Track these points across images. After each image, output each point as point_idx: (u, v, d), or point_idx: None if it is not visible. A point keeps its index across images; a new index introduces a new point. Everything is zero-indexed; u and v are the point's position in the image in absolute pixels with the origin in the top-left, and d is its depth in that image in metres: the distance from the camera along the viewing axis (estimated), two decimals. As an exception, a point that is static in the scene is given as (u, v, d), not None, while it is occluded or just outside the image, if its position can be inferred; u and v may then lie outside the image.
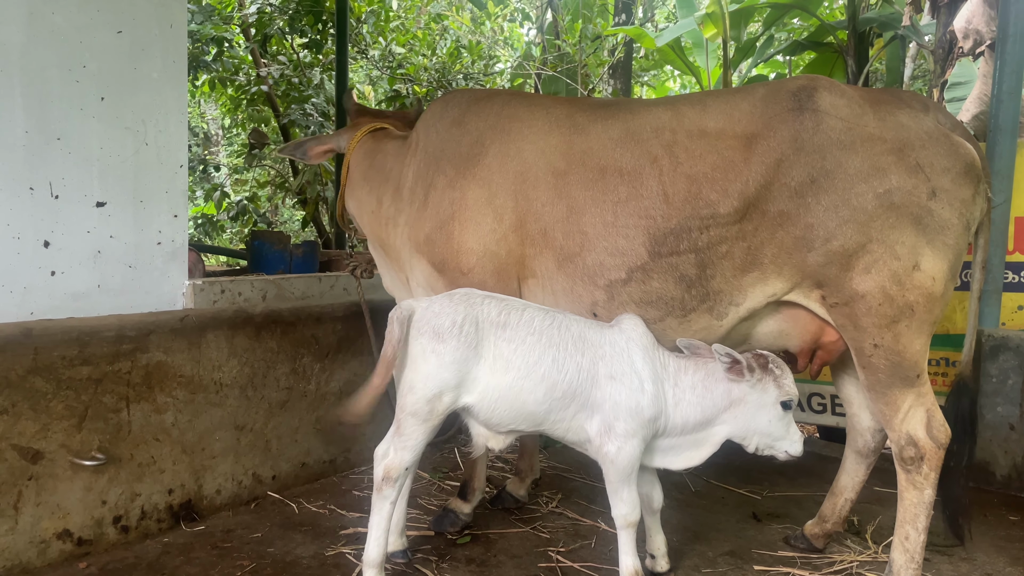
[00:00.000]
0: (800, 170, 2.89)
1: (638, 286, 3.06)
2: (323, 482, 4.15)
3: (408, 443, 2.87)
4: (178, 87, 3.75)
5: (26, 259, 3.21)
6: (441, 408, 2.83)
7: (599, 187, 3.10)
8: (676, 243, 2.99)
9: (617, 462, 2.81)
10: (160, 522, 3.43)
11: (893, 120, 2.90)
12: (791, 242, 2.93)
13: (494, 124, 3.36)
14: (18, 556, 2.97)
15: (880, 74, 9.35)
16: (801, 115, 2.91)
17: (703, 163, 2.98)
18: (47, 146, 3.26)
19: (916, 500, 2.94)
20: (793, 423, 2.89)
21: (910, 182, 2.83)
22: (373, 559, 2.87)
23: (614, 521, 2.91)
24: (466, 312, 2.85)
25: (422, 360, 2.82)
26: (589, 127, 3.23)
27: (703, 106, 3.13)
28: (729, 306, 3.03)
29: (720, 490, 4.24)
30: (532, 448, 3.93)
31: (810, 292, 2.99)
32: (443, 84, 10.53)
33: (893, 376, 2.92)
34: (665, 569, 3.15)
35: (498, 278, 3.26)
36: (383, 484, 2.87)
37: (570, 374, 2.83)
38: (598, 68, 10.70)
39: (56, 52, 3.27)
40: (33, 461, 3.00)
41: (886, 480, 4.18)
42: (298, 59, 10.69)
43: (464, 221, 3.27)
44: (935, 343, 4.67)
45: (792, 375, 2.89)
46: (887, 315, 2.87)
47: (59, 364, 3.07)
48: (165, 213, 3.68)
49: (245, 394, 3.77)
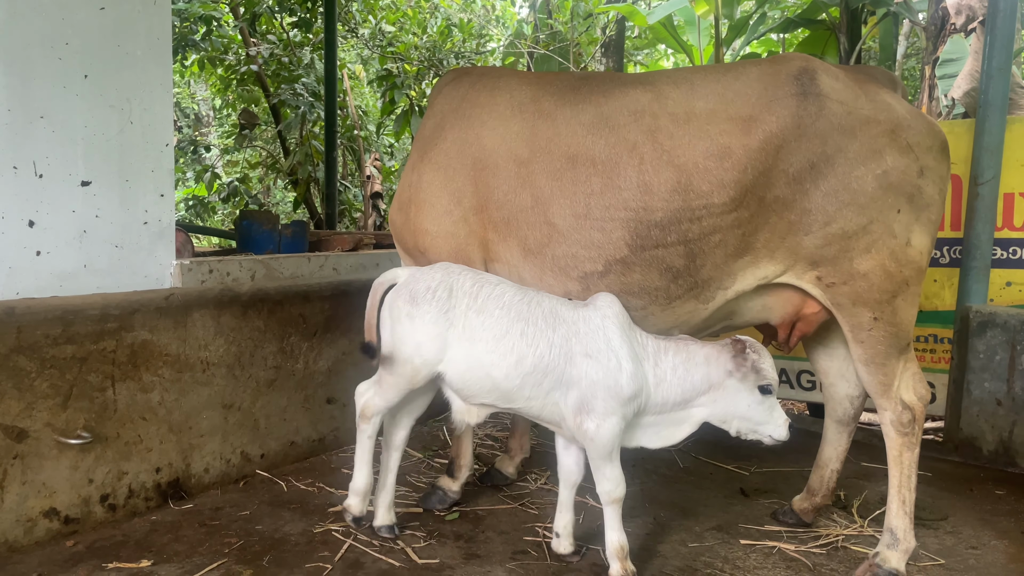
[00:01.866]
0: (800, 156, 2.85)
1: (617, 278, 2.97)
2: (312, 460, 4.15)
3: (385, 395, 3.12)
4: (163, 65, 3.71)
5: (10, 239, 3.18)
6: (418, 368, 2.99)
7: (568, 177, 2.98)
8: (663, 236, 2.89)
9: (597, 440, 2.81)
10: (148, 500, 3.43)
11: (882, 101, 2.91)
12: (785, 226, 2.91)
13: (456, 108, 3.30)
14: (4, 535, 2.97)
15: (873, 52, 9.31)
16: (805, 100, 2.85)
17: (693, 150, 2.86)
18: (30, 124, 3.23)
19: (910, 460, 2.99)
20: (777, 407, 2.85)
21: (903, 162, 2.85)
22: (358, 486, 3.23)
23: (599, 497, 2.92)
24: (442, 279, 2.99)
25: (399, 323, 3.00)
26: (556, 112, 3.08)
27: (690, 86, 2.98)
28: (717, 291, 3.01)
29: (708, 466, 4.27)
30: (524, 428, 3.94)
31: (804, 273, 2.98)
32: (434, 63, 10.45)
33: (891, 347, 2.97)
34: (569, 551, 3.10)
35: (456, 258, 3.22)
36: (360, 420, 3.19)
37: (540, 348, 2.84)
38: (590, 47, 10.63)
39: (38, 29, 3.23)
40: (18, 440, 2.99)
41: (872, 455, 4.22)
42: (288, 38, 10.61)
43: (420, 203, 3.28)
44: (924, 320, 4.71)
45: (771, 358, 2.87)
46: (887, 291, 2.91)
47: (43, 343, 3.06)
48: (151, 192, 3.66)
49: (232, 373, 3.76)
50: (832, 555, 3.21)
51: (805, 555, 3.19)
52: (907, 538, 2.96)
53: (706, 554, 3.19)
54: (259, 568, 2.94)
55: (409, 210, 3.32)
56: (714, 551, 3.22)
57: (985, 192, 4.39)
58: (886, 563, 2.93)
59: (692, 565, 3.08)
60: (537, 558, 3.11)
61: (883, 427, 3.04)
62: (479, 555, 3.11)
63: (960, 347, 4.44)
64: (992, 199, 4.42)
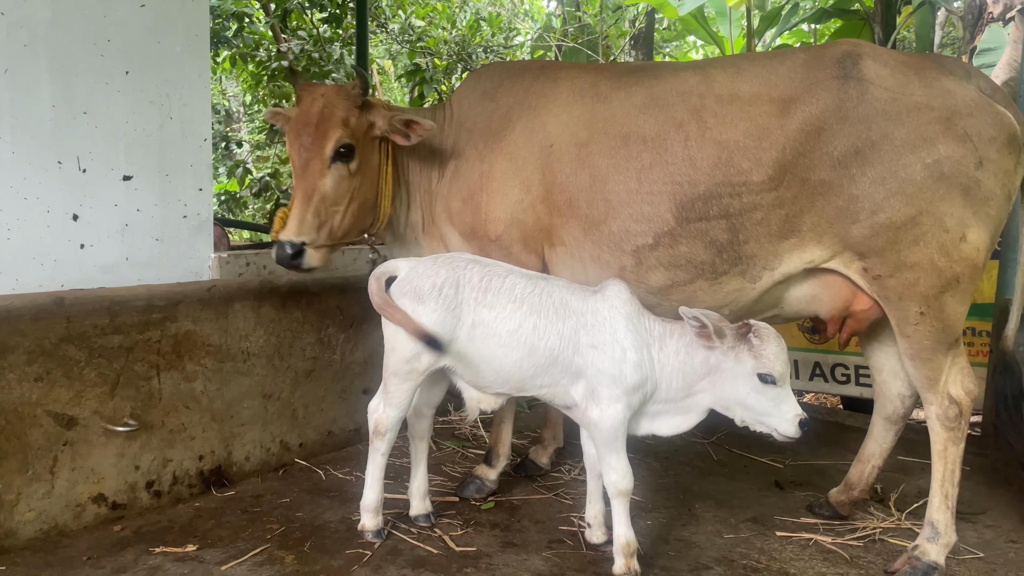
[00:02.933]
0: (844, 140, 2.85)
1: (666, 251, 3.07)
2: (349, 450, 4.21)
3: (394, 400, 3.02)
4: (201, 60, 3.78)
5: (56, 232, 3.27)
6: (421, 368, 2.96)
7: (621, 154, 3.11)
8: (705, 208, 2.99)
9: (601, 426, 2.81)
10: (191, 487, 3.51)
11: (939, 87, 2.85)
12: (832, 212, 2.90)
13: (522, 100, 3.41)
14: (55, 519, 3.05)
15: (908, 42, 9.18)
16: (846, 83, 2.86)
17: (734, 129, 2.96)
18: (74, 120, 3.30)
19: (955, 455, 2.96)
20: (787, 402, 2.68)
21: (959, 152, 2.78)
22: (367, 503, 3.12)
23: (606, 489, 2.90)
24: (447, 275, 2.93)
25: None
26: (612, 95, 3.23)
27: (736, 70, 3.09)
28: (763, 270, 3.04)
29: (743, 459, 4.26)
30: (556, 418, 3.96)
31: (851, 263, 2.97)
32: (463, 57, 10.47)
33: (938, 343, 2.92)
34: (602, 540, 3.11)
35: (524, 245, 3.33)
36: (374, 437, 3.08)
37: (551, 341, 2.86)
38: (619, 39, 10.59)
39: (81, 26, 3.30)
40: (68, 427, 3.07)
41: (909, 449, 4.18)
42: (318, 34, 10.68)
43: (491, 192, 3.35)
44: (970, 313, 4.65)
45: (781, 349, 2.70)
46: (935, 286, 2.85)
47: (91, 333, 3.13)
48: (190, 187, 3.73)
49: (272, 363, 3.82)
50: (869, 548, 3.19)
51: (842, 547, 3.18)
52: (948, 532, 2.94)
53: (742, 545, 3.19)
54: (301, 554, 2.99)
55: (480, 199, 3.37)
56: (750, 542, 3.22)
57: (1025, 183, 4.32)
58: (925, 556, 2.92)
59: (728, 556, 3.08)
60: (573, 547, 3.13)
61: (928, 421, 3.00)
62: (515, 544, 3.14)
63: (999, 339, 4.37)
64: (1032, 190, 4.34)
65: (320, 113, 3.21)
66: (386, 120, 3.31)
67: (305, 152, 3.22)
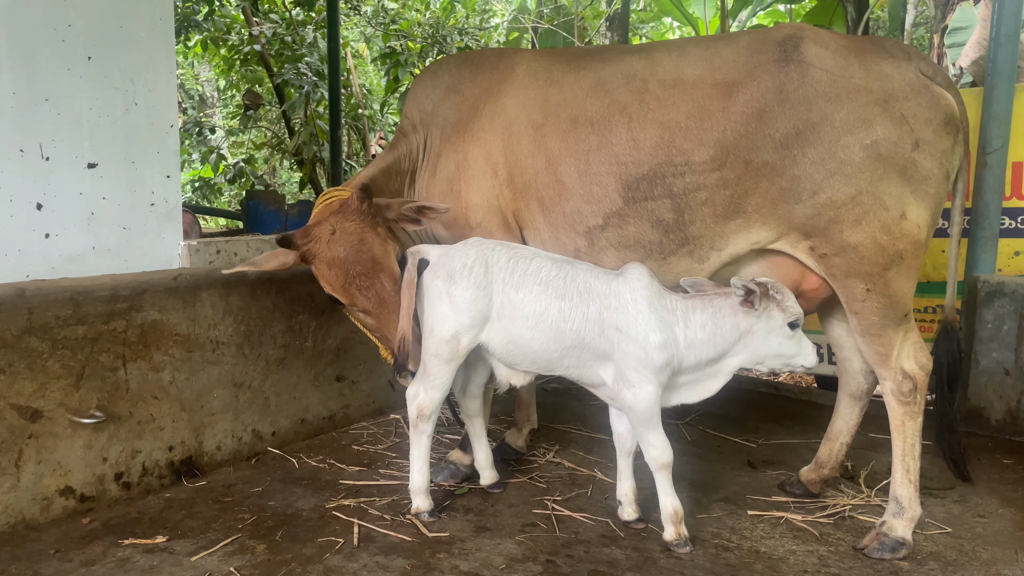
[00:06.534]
0: (785, 121, 2.91)
1: (615, 231, 3.16)
2: (322, 438, 4.19)
3: (435, 382, 3.09)
4: (166, 45, 3.71)
5: (19, 222, 3.21)
6: (461, 348, 3.03)
7: (572, 137, 3.20)
8: (650, 188, 3.06)
9: (636, 408, 2.92)
10: (162, 478, 3.48)
11: (878, 70, 2.90)
12: (776, 193, 2.96)
13: (486, 87, 3.49)
14: (21, 512, 3.02)
15: (882, 21, 9.21)
16: (787, 66, 2.92)
17: (676, 111, 3.04)
18: (36, 107, 3.24)
19: (913, 429, 3.02)
20: (804, 338, 2.92)
21: (895, 133, 2.85)
22: (419, 486, 3.19)
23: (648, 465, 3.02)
24: (477, 255, 3.03)
25: (438, 302, 3.04)
26: (563, 79, 3.32)
27: (681, 53, 3.16)
28: (710, 251, 3.11)
29: (716, 439, 4.29)
30: (528, 399, 3.97)
31: (798, 243, 3.03)
32: (437, 40, 10.39)
33: (886, 319, 2.98)
34: (633, 517, 3.17)
35: (505, 230, 3.40)
36: (418, 421, 3.13)
37: (576, 324, 2.97)
38: (595, 20, 10.54)
39: (41, 11, 3.23)
40: (32, 420, 3.03)
41: (880, 427, 4.21)
42: (290, 17, 10.55)
43: (468, 179, 3.42)
44: (927, 291, 4.70)
45: (792, 292, 2.94)
46: (878, 263, 2.92)
47: (54, 324, 3.09)
48: (157, 174, 3.67)
49: (242, 352, 3.79)
50: (839, 524, 3.23)
51: (812, 524, 3.22)
52: (912, 507, 2.98)
53: (713, 524, 3.22)
54: (272, 543, 2.98)
55: (459, 187, 3.44)
56: (721, 521, 3.24)
57: (993, 161, 4.35)
58: (892, 532, 2.96)
59: (699, 535, 3.11)
60: (546, 530, 3.14)
61: (884, 397, 3.06)
62: (489, 528, 3.15)
63: (968, 317, 4.43)
64: (1000, 168, 4.38)
65: (358, 252, 3.16)
66: (395, 211, 3.27)
67: (374, 294, 3.18)
